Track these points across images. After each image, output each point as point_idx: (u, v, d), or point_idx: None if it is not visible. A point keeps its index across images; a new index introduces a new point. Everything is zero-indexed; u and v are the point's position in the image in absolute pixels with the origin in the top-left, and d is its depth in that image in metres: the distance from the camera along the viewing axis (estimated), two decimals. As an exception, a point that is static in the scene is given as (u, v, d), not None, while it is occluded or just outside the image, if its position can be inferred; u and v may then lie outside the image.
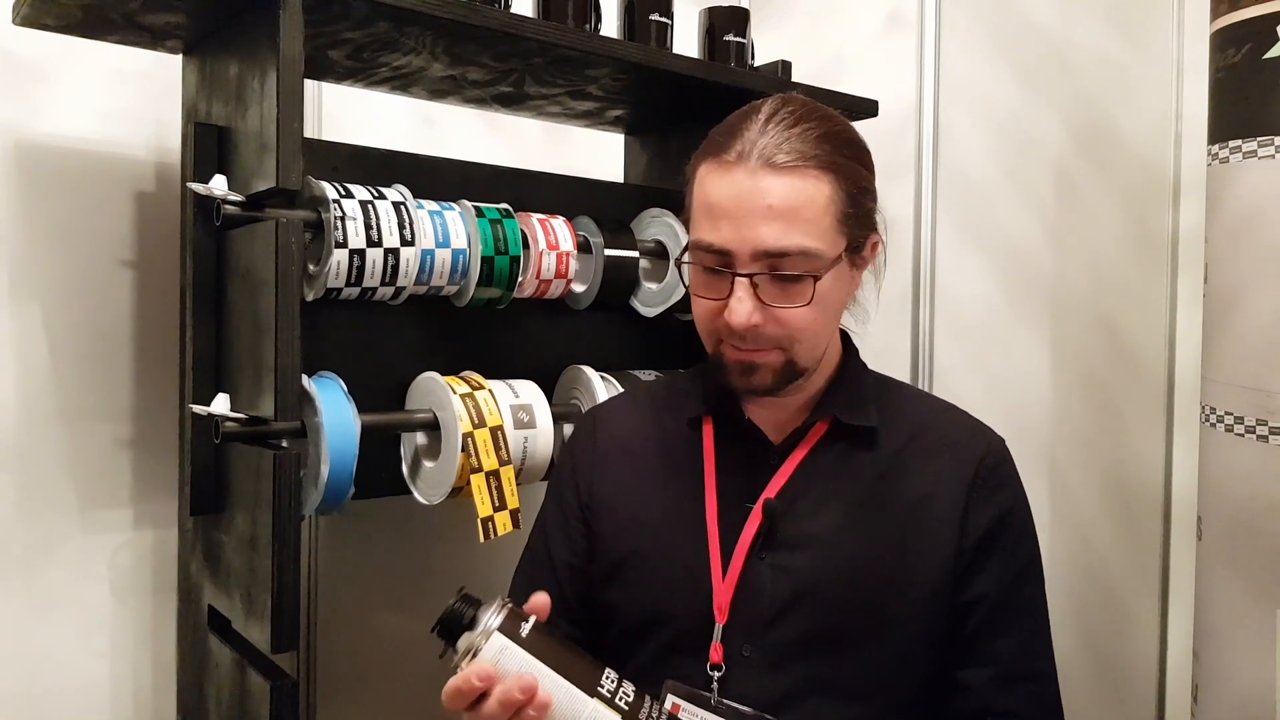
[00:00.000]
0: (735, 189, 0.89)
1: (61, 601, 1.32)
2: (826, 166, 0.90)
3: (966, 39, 1.81)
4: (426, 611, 1.59)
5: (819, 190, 0.89)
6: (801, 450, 0.98)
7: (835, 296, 0.94)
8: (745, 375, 0.93)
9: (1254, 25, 1.44)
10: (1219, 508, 1.51)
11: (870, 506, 0.96)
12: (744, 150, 0.89)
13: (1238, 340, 1.47)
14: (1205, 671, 1.55)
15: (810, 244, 0.88)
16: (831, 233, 0.90)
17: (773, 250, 0.88)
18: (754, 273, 0.89)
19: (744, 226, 0.88)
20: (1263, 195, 1.43)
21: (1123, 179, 2.00)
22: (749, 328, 0.89)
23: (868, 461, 0.98)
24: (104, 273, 1.34)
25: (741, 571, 0.94)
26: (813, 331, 0.92)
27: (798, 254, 0.88)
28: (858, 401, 1.00)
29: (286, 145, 0.99)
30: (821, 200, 0.89)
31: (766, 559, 0.95)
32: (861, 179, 0.93)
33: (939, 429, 1.01)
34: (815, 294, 0.89)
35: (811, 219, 0.88)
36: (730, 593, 0.94)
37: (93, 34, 1.18)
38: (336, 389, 1.14)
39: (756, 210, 0.88)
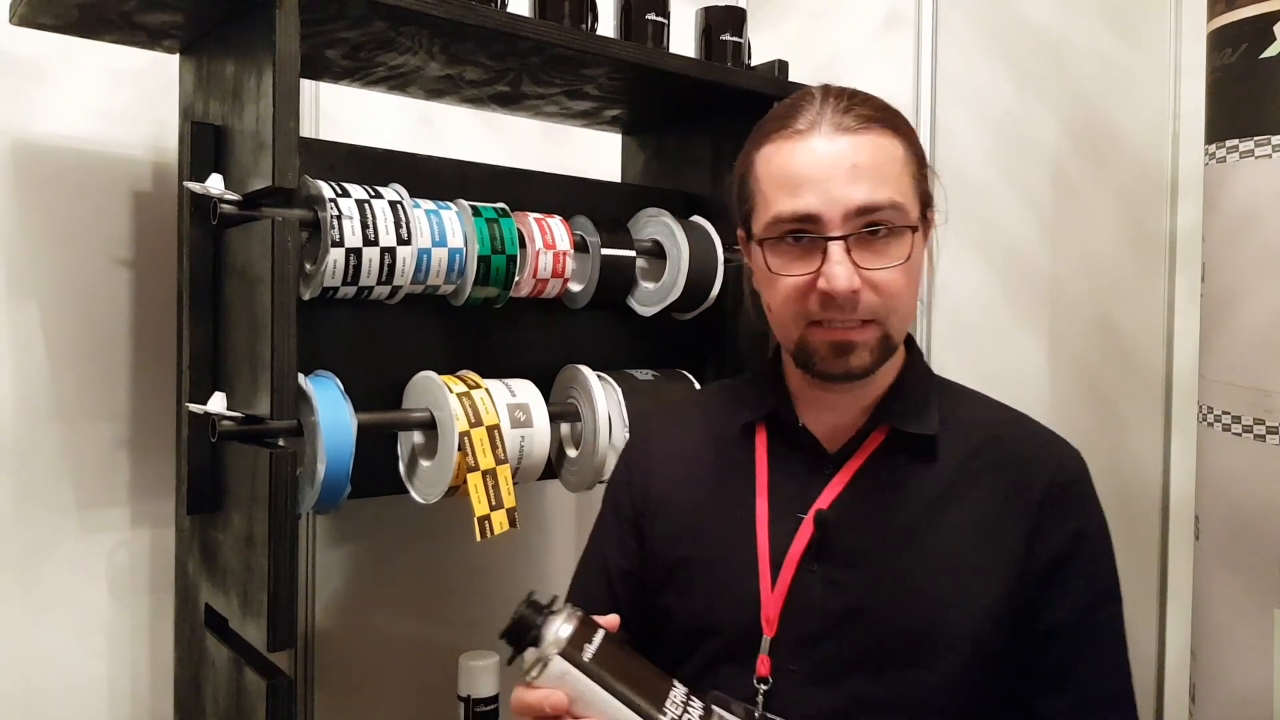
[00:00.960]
0: (814, 154, 0.87)
1: (59, 601, 1.32)
2: (895, 127, 0.90)
3: (964, 38, 1.81)
4: (423, 610, 1.60)
5: (895, 147, 0.88)
6: (858, 460, 0.93)
7: (917, 265, 0.90)
8: (843, 356, 0.89)
9: (1251, 25, 1.44)
10: (1216, 507, 1.51)
11: (929, 523, 0.91)
12: (813, 120, 0.88)
13: (1235, 339, 1.47)
14: (1203, 671, 1.55)
15: (899, 198, 0.87)
16: (911, 194, 0.89)
17: (867, 205, 0.85)
18: (849, 234, 0.85)
19: (832, 187, 0.85)
20: (1260, 195, 1.43)
21: (1120, 178, 2.00)
22: (850, 293, 0.85)
23: (928, 474, 0.93)
24: (101, 272, 1.34)
25: (791, 584, 0.91)
26: (907, 298, 0.89)
27: (889, 208, 0.86)
28: (919, 408, 0.94)
29: (282, 144, 0.99)
30: (900, 157, 0.89)
31: (818, 571, 0.91)
32: (919, 148, 0.93)
33: (1009, 442, 0.95)
34: (903, 254, 0.87)
35: (895, 175, 0.87)
36: (779, 605, 0.91)
37: (89, 33, 1.18)
38: (333, 388, 1.14)
39: (842, 170, 0.85)
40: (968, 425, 0.95)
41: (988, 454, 0.93)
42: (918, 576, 0.89)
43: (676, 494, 1.03)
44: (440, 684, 1.50)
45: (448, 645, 1.57)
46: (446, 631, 1.63)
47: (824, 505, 0.92)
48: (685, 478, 1.03)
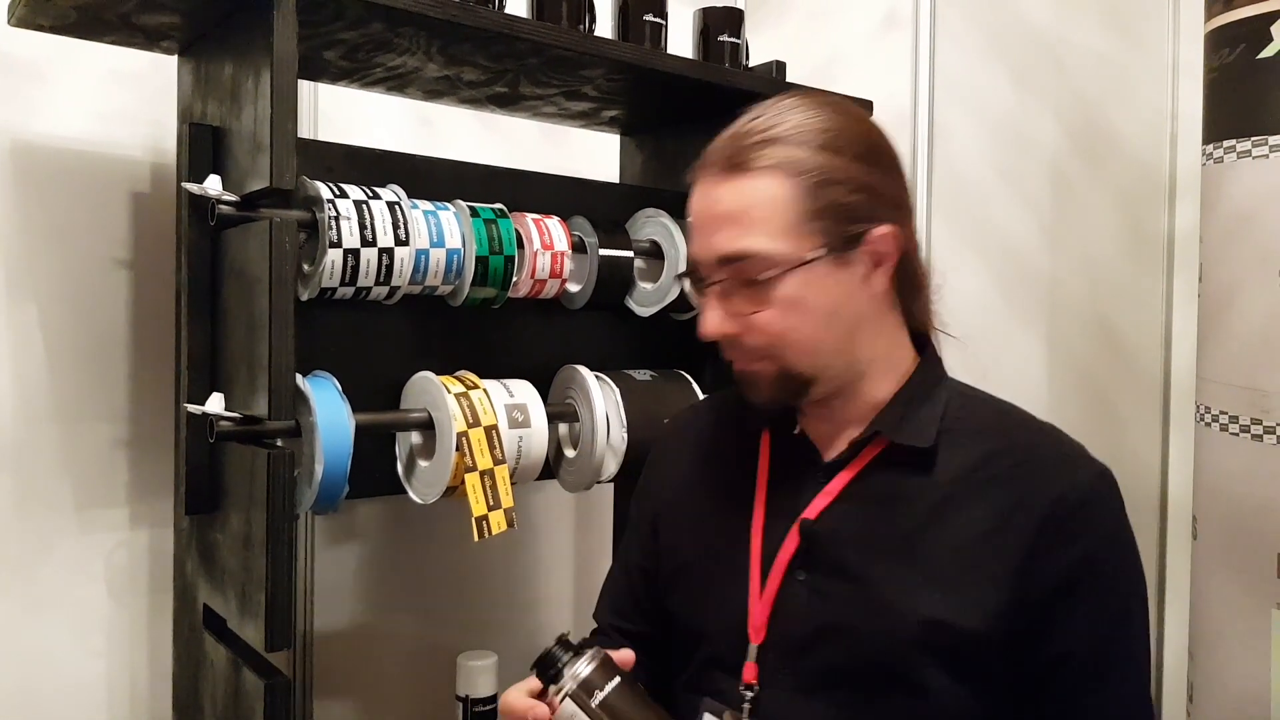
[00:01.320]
0: (695, 199, 0.91)
1: (57, 601, 1.32)
2: (779, 164, 0.86)
3: (962, 39, 1.81)
4: (421, 610, 1.60)
5: (771, 188, 0.86)
6: (852, 470, 0.91)
7: (819, 299, 0.87)
8: (748, 388, 0.91)
9: (1248, 25, 1.44)
10: (1214, 507, 1.51)
11: (920, 539, 0.87)
12: (706, 158, 0.90)
13: (1232, 339, 1.47)
14: (1201, 671, 1.55)
15: (763, 245, 0.85)
16: (793, 232, 0.85)
17: (727, 255, 0.86)
18: (715, 280, 0.88)
19: (704, 235, 0.88)
20: (1257, 195, 1.43)
21: (1118, 179, 2.00)
22: (719, 337, 0.88)
23: (924, 487, 0.88)
24: (100, 273, 1.34)
25: (778, 591, 0.90)
26: (798, 337, 0.87)
27: (746, 258, 0.85)
28: (915, 419, 0.90)
29: (280, 145, 1.00)
30: (776, 197, 0.85)
31: (805, 580, 0.89)
32: (835, 171, 0.86)
33: (1018, 455, 0.89)
34: (777, 297, 0.85)
35: (764, 219, 0.85)
36: (766, 612, 0.90)
37: (88, 35, 1.18)
38: (331, 388, 1.14)
39: (711, 218, 0.88)
40: (975, 436, 0.90)
41: (993, 467, 0.88)
42: (903, 594, 0.86)
43: (685, 497, 1.03)
44: (438, 684, 1.51)
45: (446, 645, 1.57)
46: (445, 631, 1.63)
47: (812, 514, 0.90)
48: (694, 481, 1.04)
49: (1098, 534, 0.87)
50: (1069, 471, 0.88)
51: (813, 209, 0.86)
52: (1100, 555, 0.86)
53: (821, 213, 0.86)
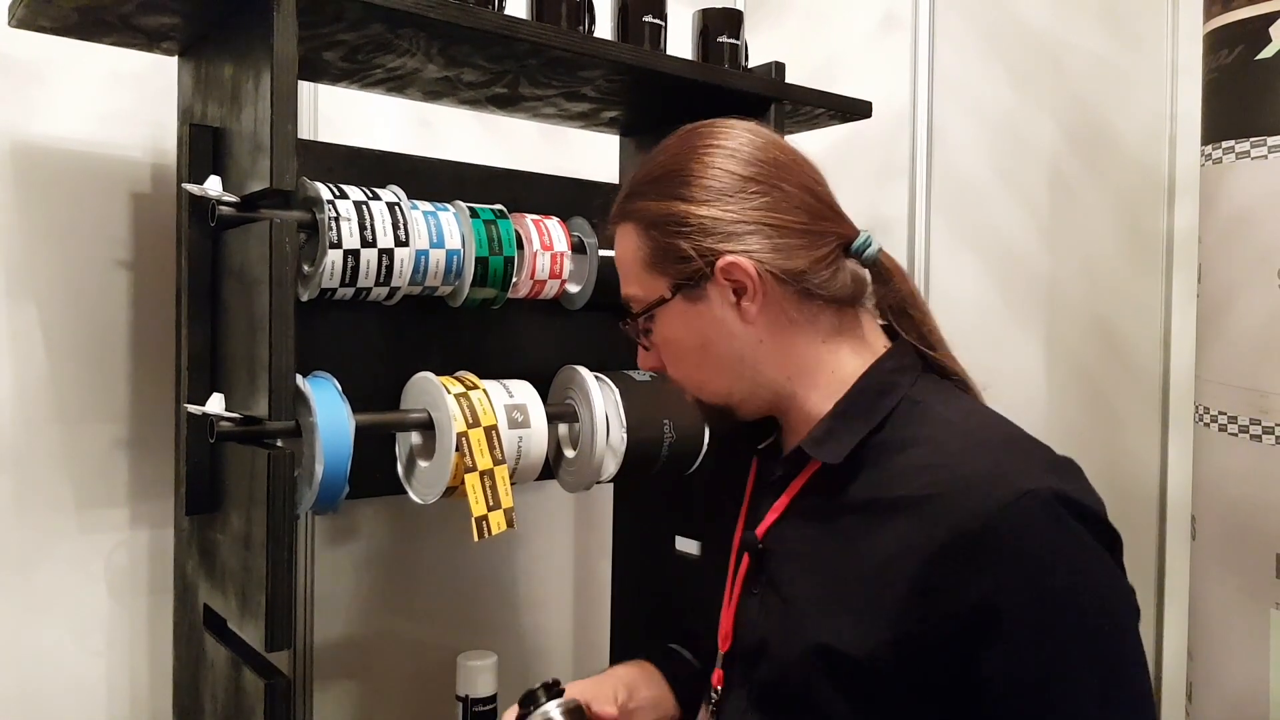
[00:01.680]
0: None
1: (58, 601, 1.33)
2: (626, 215, 0.93)
3: (961, 40, 1.81)
4: (421, 610, 1.61)
5: (625, 240, 0.94)
6: (794, 486, 0.90)
7: (687, 335, 0.91)
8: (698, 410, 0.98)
9: (1247, 26, 1.44)
10: (1213, 507, 1.51)
11: (833, 561, 0.84)
12: None
13: (1231, 340, 1.47)
14: (1199, 670, 1.55)
15: (633, 291, 0.94)
16: (645, 277, 0.92)
17: (622, 298, 0.96)
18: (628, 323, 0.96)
19: None
20: (1255, 195, 1.43)
21: (1117, 180, 2.01)
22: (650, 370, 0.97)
23: (843, 506, 0.85)
24: (100, 274, 1.34)
25: (738, 603, 0.94)
26: (686, 370, 0.94)
27: (631, 300, 0.94)
28: (833, 433, 0.86)
29: (280, 146, 1.00)
30: (629, 250, 0.93)
31: (757, 594, 0.91)
32: (665, 214, 0.88)
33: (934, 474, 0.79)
34: (657, 337, 0.93)
35: (627, 269, 0.94)
36: (729, 623, 0.94)
37: (88, 36, 1.18)
38: (331, 389, 1.14)
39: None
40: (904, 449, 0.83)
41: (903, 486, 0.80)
42: (809, 615, 0.84)
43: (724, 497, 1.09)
44: (438, 684, 1.51)
45: (446, 645, 1.58)
46: (445, 631, 1.63)
47: (759, 531, 0.91)
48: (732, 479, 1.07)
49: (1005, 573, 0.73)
50: (977, 494, 0.75)
51: (654, 253, 0.90)
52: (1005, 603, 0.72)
53: (662, 254, 0.90)
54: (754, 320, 0.88)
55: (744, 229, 0.87)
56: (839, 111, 1.58)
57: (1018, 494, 0.74)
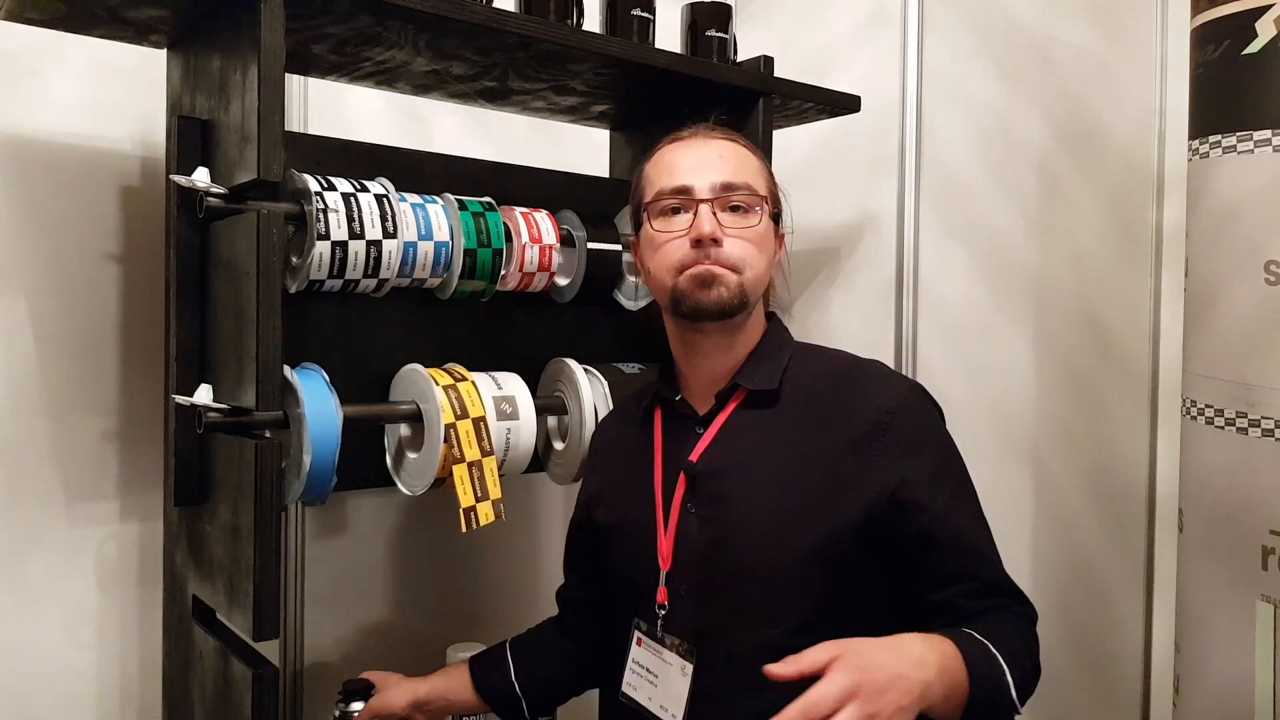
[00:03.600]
0: (691, 149, 1.12)
1: (47, 593, 1.33)
2: (754, 150, 1.16)
3: (950, 35, 1.81)
4: (411, 601, 1.61)
5: (752, 158, 1.14)
6: (720, 417, 1.11)
7: (769, 242, 1.11)
8: (706, 287, 1.06)
9: (1233, 21, 1.45)
10: (1199, 500, 1.52)
11: (772, 464, 1.07)
12: (693, 132, 1.15)
13: (1217, 334, 1.48)
14: (1186, 663, 1.56)
15: (754, 184, 1.10)
16: (764, 188, 1.12)
17: (727, 183, 1.08)
18: (713, 198, 1.07)
19: (703, 170, 1.09)
20: (1241, 190, 1.44)
21: (1106, 175, 2.01)
22: (714, 234, 1.06)
23: (774, 423, 1.10)
24: (89, 266, 1.35)
25: (677, 525, 1.10)
26: (758, 259, 1.09)
27: (745, 188, 1.09)
28: (764, 368, 1.12)
29: (267, 137, 1.00)
30: (757, 166, 1.14)
31: (695, 511, 1.09)
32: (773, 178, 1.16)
33: (844, 386, 1.11)
34: (761, 222, 1.09)
35: (751, 172, 1.12)
36: (670, 543, 1.10)
37: (77, 28, 1.18)
38: (319, 380, 1.14)
39: (711, 159, 1.10)
40: (811, 377, 1.12)
41: (824, 399, 1.10)
42: (763, 510, 1.06)
43: (611, 476, 1.23)
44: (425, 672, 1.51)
45: (435, 636, 1.58)
46: (434, 622, 1.64)
47: (693, 458, 1.10)
48: (616, 462, 1.23)
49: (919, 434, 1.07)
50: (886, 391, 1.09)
51: (769, 182, 1.15)
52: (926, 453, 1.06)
53: (772, 188, 1.15)
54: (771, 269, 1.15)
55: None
56: (828, 106, 1.58)
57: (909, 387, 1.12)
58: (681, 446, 1.13)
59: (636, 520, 1.14)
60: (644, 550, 1.12)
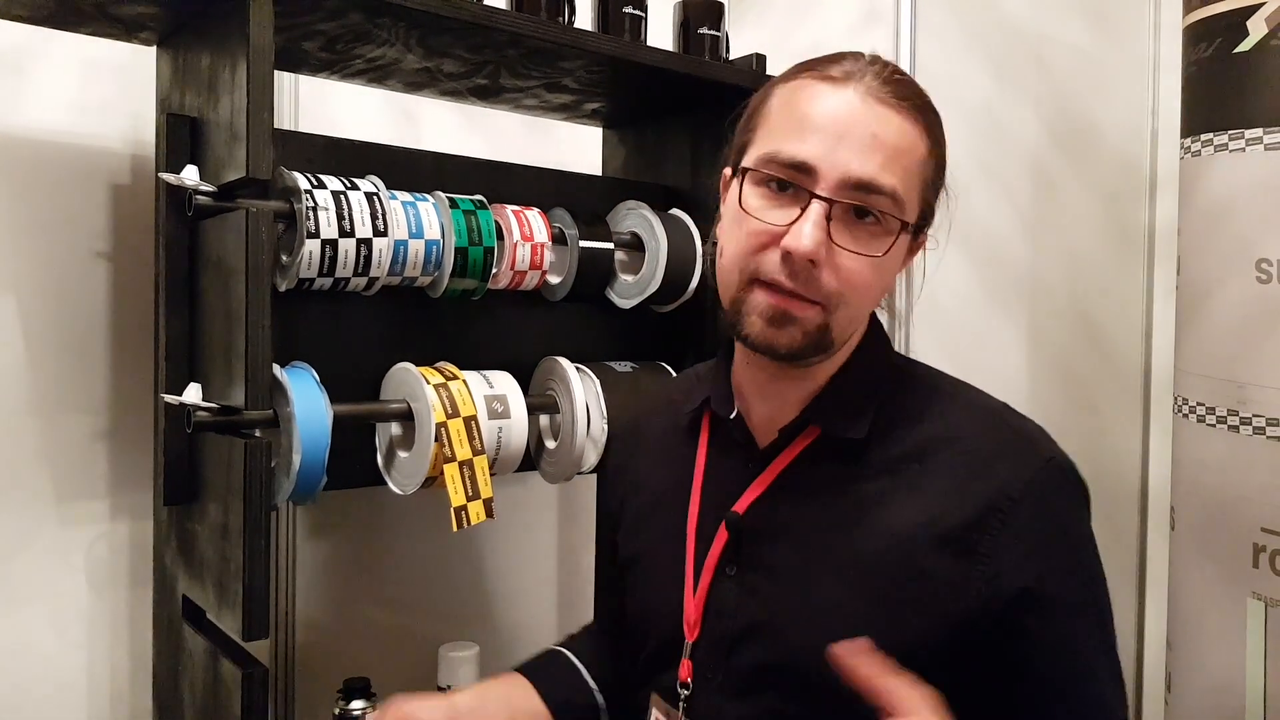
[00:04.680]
0: (841, 106, 0.78)
1: (37, 593, 1.32)
2: (930, 126, 0.82)
3: (943, 34, 1.82)
4: (402, 601, 1.61)
5: (919, 144, 0.81)
6: (784, 459, 0.86)
7: (892, 269, 0.83)
8: (775, 325, 0.80)
9: (1225, 20, 1.45)
10: (1191, 497, 1.52)
11: (847, 535, 0.81)
12: (853, 72, 0.80)
13: (1209, 332, 1.48)
14: (1178, 659, 1.56)
15: (902, 192, 0.78)
16: (916, 194, 0.81)
17: (867, 182, 0.77)
18: (837, 199, 0.77)
19: (841, 148, 0.77)
20: (1234, 188, 1.44)
21: (1099, 173, 2.01)
22: (811, 258, 0.76)
23: (855, 480, 0.83)
24: (78, 264, 1.34)
25: (709, 587, 0.87)
26: (866, 296, 0.82)
27: (888, 195, 0.78)
28: (850, 406, 0.85)
29: (256, 135, 1.00)
30: (920, 154, 0.81)
31: (734, 575, 0.86)
32: (944, 158, 0.85)
33: (962, 443, 0.81)
34: (893, 248, 0.79)
35: (907, 168, 0.79)
36: (699, 609, 0.87)
37: (65, 25, 1.18)
38: (309, 379, 1.14)
39: (859, 135, 0.77)
40: (913, 424, 0.83)
41: (933, 459, 0.81)
42: (829, 597, 0.80)
43: (636, 490, 1.01)
44: (420, 675, 1.51)
45: (427, 636, 1.58)
46: (426, 622, 1.63)
47: (740, 507, 0.86)
48: (644, 472, 1.00)
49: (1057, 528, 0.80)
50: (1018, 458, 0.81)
51: (930, 185, 0.83)
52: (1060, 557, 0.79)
53: (926, 193, 0.83)
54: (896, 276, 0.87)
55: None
56: (820, 104, 1.58)
57: (1055, 459, 0.81)
58: (727, 483, 0.89)
59: (659, 563, 0.92)
60: (665, 605, 0.90)
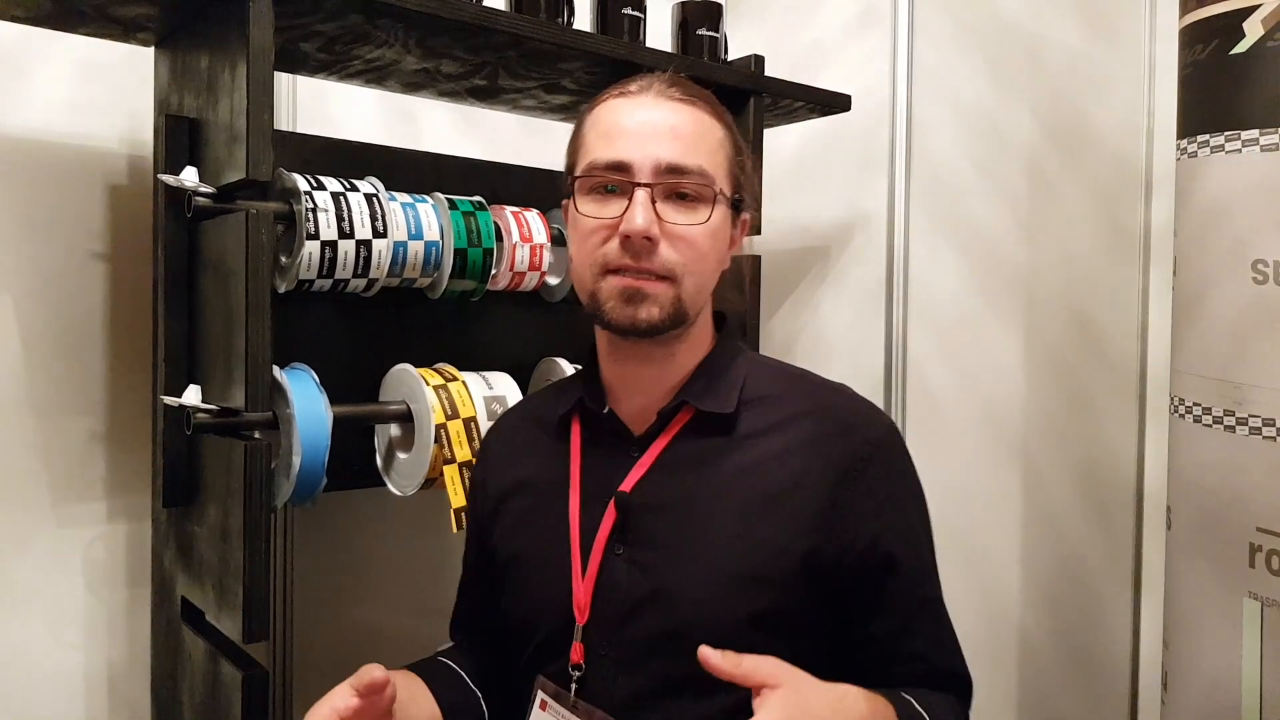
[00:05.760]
0: (638, 113, 0.92)
1: (35, 595, 1.32)
2: (720, 115, 0.95)
3: (940, 34, 1.82)
4: (401, 602, 1.60)
5: (714, 128, 0.93)
6: (662, 440, 0.94)
7: (721, 238, 0.94)
8: (632, 304, 0.89)
9: (1222, 21, 1.45)
10: (1188, 497, 1.52)
11: (727, 500, 0.91)
12: (645, 85, 0.93)
13: (1205, 332, 1.48)
14: (1174, 660, 1.57)
15: (709, 168, 0.91)
16: (723, 170, 0.93)
17: (676, 165, 0.89)
18: (655, 183, 0.89)
19: (648, 144, 0.89)
20: (1229, 189, 1.44)
21: (1095, 174, 2.02)
22: (645, 235, 0.87)
23: (728, 453, 0.93)
24: (76, 265, 1.34)
25: (599, 568, 0.92)
26: (704, 263, 0.92)
27: (697, 173, 0.90)
28: (718, 387, 0.95)
29: (256, 136, 1.00)
30: (717, 137, 0.93)
31: (623, 554, 0.91)
32: (742, 147, 0.97)
33: (813, 416, 0.94)
34: (713, 217, 0.90)
35: (709, 150, 0.92)
36: (589, 591, 0.91)
37: (63, 26, 1.17)
38: (308, 380, 1.14)
39: (660, 130, 0.90)
40: (774, 401, 0.95)
41: (790, 429, 0.93)
42: (714, 556, 0.89)
43: (509, 495, 1.03)
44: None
45: (426, 636, 1.57)
46: (425, 623, 1.63)
47: (626, 488, 0.92)
48: (516, 478, 1.03)
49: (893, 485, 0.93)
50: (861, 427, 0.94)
51: (734, 161, 0.95)
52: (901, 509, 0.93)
53: (738, 169, 0.96)
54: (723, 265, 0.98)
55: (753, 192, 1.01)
56: (818, 105, 1.58)
57: (887, 426, 0.96)
58: (608, 471, 0.94)
59: (542, 556, 0.96)
60: (553, 595, 0.93)
